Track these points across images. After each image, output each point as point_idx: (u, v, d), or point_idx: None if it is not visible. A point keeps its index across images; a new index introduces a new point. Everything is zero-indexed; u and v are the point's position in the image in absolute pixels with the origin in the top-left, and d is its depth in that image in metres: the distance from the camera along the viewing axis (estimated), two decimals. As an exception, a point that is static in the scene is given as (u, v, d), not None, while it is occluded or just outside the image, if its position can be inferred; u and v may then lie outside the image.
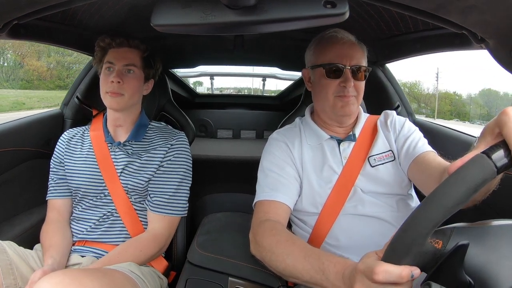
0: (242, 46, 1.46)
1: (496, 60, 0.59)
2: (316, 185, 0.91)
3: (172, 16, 0.56)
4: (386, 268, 0.46)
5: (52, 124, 1.35)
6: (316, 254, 0.67)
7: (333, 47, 0.92)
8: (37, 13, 0.59)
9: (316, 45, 0.98)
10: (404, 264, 0.45)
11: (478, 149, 0.44)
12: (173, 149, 1.08)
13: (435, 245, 0.44)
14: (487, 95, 36.74)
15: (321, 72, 0.93)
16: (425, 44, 1.12)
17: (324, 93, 0.93)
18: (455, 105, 36.00)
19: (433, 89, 37.41)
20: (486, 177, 0.40)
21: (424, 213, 0.42)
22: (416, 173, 0.87)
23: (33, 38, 1.02)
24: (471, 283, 0.40)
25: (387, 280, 0.46)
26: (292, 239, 0.74)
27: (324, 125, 1.00)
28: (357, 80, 0.91)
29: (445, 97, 36.83)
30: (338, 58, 0.90)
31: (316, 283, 0.64)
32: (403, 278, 0.45)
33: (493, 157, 0.41)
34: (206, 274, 0.81)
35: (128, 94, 1.04)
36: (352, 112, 0.94)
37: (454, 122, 28.34)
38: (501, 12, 0.48)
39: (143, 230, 1.05)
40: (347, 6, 0.52)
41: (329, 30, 0.96)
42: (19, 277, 0.85)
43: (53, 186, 1.10)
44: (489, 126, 0.46)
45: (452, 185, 0.41)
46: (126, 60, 1.05)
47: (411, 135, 0.94)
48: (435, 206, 0.41)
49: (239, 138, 2.38)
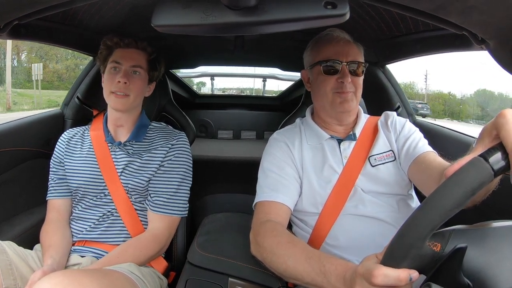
0: (242, 47, 1.46)
1: (497, 61, 0.59)
2: (316, 185, 0.91)
3: (173, 16, 0.56)
4: (384, 272, 0.46)
5: (53, 124, 1.35)
6: (317, 256, 0.67)
7: (330, 45, 0.94)
8: (37, 13, 0.59)
9: (313, 45, 1.00)
10: (403, 267, 0.45)
11: (476, 151, 0.44)
12: (173, 149, 1.08)
13: (434, 248, 0.43)
14: (482, 95, 37.76)
15: (318, 70, 0.94)
16: (426, 45, 1.12)
17: (323, 90, 0.93)
18: (449, 105, 37.03)
19: (426, 90, 38.66)
20: (483, 180, 0.40)
21: (422, 216, 0.42)
22: (416, 173, 0.87)
23: (34, 38, 1.02)
24: (469, 285, 0.40)
25: (385, 284, 0.47)
26: (293, 240, 0.75)
27: (324, 125, 1.00)
28: (355, 75, 0.92)
29: (438, 97, 37.86)
30: (335, 55, 0.91)
31: (317, 285, 0.64)
32: (401, 281, 0.45)
33: (490, 160, 0.41)
34: (206, 274, 0.81)
35: (134, 95, 1.04)
36: (351, 108, 0.94)
37: (445, 120, 29.49)
38: (501, 13, 0.48)
39: (143, 230, 1.05)
40: (347, 7, 0.52)
41: (325, 31, 0.98)
42: (19, 277, 0.85)
43: (53, 186, 1.10)
44: (487, 128, 0.45)
45: (449, 189, 0.41)
46: (134, 61, 1.05)
47: (411, 135, 0.94)
48: (433, 210, 0.41)
49: (240, 139, 2.38)
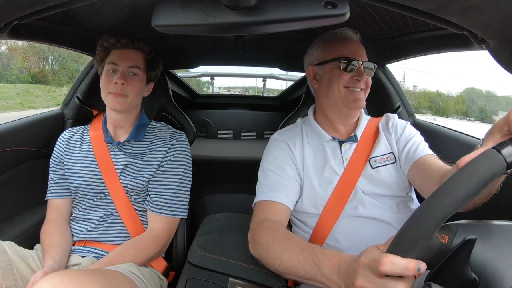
0: (242, 47, 1.46)
1: (497, 60, 0.59)
2: (317, 186, 0.91)
3: (173, 16, 0.56)
4: (392, 259, 0.45)
5: (53, 124, 1.35)
6: (311, 249, 0.66)
7: (346, 43, 0.95)
8: (37, 13, 0.59)
9: (324, 42, 0.99)
10: (410, 258, 0.44)
11: (486, 145, 0.45)
12: (173, 149, 1.08)
13: (442, 240, 0.43)
14: (470, 93, 40.89)
15: (334, 66, 0.94)
16: (426, 45, 1.12)
17: (336, 84, 0.93)
18: (434, 102, 40.76)
19: (413, 88, 43.05)
20: (496, 171, 0.41)
21: (434, 205, 0.42)
22: (416, 176, 0.87)
23: (34, 38, 1.02)
24: (476, 279, 0.40)
25: (392, 272, 0.45)
26: (288, 235, 0.74)
27: (327, 125, 1.00)
28: (368, 75, 0.94)
29: (424, 95, 41.79)
30: (352, 54, 0.93)
31: (311, 277, 0.63)
32: (409, 271, 0.44)
33: (503, 152, 0.42)
34: (206, 274, 0.81)
35: (132, 96, 1.04)
36: (362, 106, 0.94)
37: (429, 116, 33.17)
38: (501, 13, 0.48)
39: (143, 230, 1.05)
40: (347, 7, 0.52)
41: (338, 29, 0.99)
42: (19, 278, 0.85)
43: (53, 186, 1.10)
44: (498, 124, 0.47)
45: (462, 178, 0.41)
46: (131, 62, 1.05)
47: (412, 138, 0.94)
48: (445, 199, 0.41)
49: (240, 139, 2.38)
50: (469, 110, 36.36)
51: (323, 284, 0.61)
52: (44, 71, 22.54)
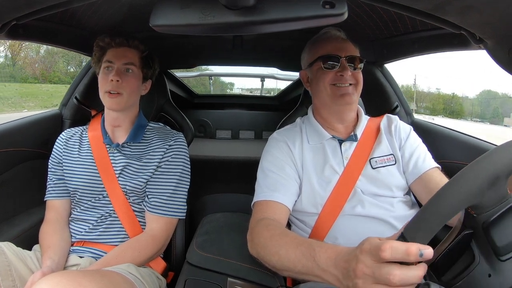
0: (241, 47, 1.46)
1: (495, 60, 0.59)
2: (316, 185, 0.91)
3: (171, 16, 0.56)
4: (393, 244, 0.45)
5: (51, 124, 1.34)
6: (308, 243, 0.66)
7: (328, 42, 0.96)
8: (35, 13, 0.59)
9: (310, 45, 1.02)
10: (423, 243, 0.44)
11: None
12: (171, 150, 1.08)
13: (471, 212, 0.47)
14: (486, 95, 40.61)
15: (318, 66, 0.95)
16: (424, 45, 1.12)
17: (322, 83, 0.94)
18: (448, 104, 41.58)
19: (427, 90, 43.84)
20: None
21: (463, 181, 0.46)
22: (423, 191, 0.90)
23: (32, 38, 1.02)
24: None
25: (393, 257, 0.44)
26: (285, 232, 0.74)
27: (325, 124, 1.00)
28: (354, 69, 0.93)
29: (438, 97, 42.58)
30: (333, 51, 0.94)
31: (308, 272, 0.62)
32: (410, 255, 0.43)
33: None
34: (205, 274, 0.81)
35: (127, 93, 1.04)
36: (352, 101, 0.94)
37: (440, 117, 33.07)
38: (499, 12, 0.48)
39: (142, 231, 1.05)
40: (345, 7, 0.52)
41: (321, 31, 1.01)
42: (17, 278, 0.85)
43: (52, 187, 1.10)
44: None
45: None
46: (125, 59, 1.05)
47: (417, 148, 0.95)
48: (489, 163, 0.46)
49: (238, 139, 2.38)
50: (483, 112, 36.90)
51: (320, 278, 0.60)
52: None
